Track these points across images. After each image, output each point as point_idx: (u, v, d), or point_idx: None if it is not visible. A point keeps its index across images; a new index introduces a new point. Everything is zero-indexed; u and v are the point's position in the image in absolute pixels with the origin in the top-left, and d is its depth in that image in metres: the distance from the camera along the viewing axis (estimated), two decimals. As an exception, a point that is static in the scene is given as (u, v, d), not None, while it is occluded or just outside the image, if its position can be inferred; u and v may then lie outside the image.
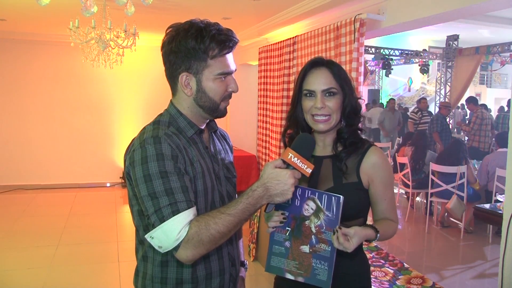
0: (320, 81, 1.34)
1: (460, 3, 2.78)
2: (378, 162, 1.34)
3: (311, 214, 1.22)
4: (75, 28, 4.18)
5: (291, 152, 1.15)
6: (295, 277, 1.22)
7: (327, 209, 1.20)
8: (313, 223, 1.21)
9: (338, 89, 1.34)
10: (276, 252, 1.25)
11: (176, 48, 1.18)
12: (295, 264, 1.22)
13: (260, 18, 5.10)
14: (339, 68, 1.37)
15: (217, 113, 1.27)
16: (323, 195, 1.21)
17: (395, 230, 1.39)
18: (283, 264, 1.24)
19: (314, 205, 1.22)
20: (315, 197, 1.22)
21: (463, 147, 5.20)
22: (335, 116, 1.34)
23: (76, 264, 3.86)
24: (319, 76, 1.34)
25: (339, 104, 1.34)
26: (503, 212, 2.30)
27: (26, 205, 5.82)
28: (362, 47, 3.51)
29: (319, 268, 1.20)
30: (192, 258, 1.10)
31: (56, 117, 6.77)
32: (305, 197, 1.22)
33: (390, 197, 1.38)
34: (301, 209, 1.23)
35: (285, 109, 4.83)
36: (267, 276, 3.61)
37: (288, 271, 1.23)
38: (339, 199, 1.19)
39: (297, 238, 1.23)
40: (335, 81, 1.34)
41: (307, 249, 1.21)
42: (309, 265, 1.21)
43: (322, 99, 1.33)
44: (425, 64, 10.28)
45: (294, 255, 1.23)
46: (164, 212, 1.08)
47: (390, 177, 1.38)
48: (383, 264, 3.83)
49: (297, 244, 1.23)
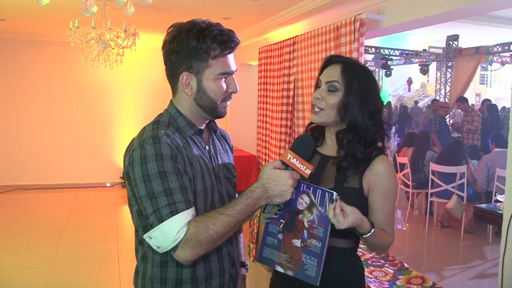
0: (329, 73, 1.34)
1: (460, 3, 2.78)
2: (382, 172, 1.30)
3: (304, 208, 1.21)
4: (75, 28, 4.18)
5: (290, 153, 1.15)
6: (285, 270, 1.21)
7: (320, 204, 1.19)
8: (306, 217, 1.21)
9: (341, 87, 1.30)
10: (269, 243, 1.24)
11: (177, 48, 1.18)
12: (286, 257, 1.21)
13: (260, 18, 5.10)
14: (351, 67, 1.32)
15: (217, 114, 1.26)
16: (317, 190, 1.20)
17: (389, 242, 1.32)
18: (274, 256, 1.23)
19: (308, 199, 1.21)
20: (310, 191, 1.21)
21: (463, 147, 5.20)
22: (329, 112, 1.31)
23: (76, 264, 3.86)
24: (331, 69, 1.34)
25: (336, 102, 1.30)
26: (503, 212, 2.30)
27: (26, 205, 5.82)
28: (362, 47, 3.51)
29: (309, 263, 1.18)
30: (191, 258, 1.10)
31: (56, 117, 6.77)
32: (300, 190, 1.22)
33: (389, 210, 1.32)
34: (295, 202, 1.22)
35: (285, 109, 4.83)
36: (267, 276, 3.61)
37: (279, 263, 1.22)
38: (332, 195, 1.18)
39: (290, 231, 1.22)
40: (342, 77, 1.30)
41: (298, 243, 1.20)
42: (299, 260, 1.19)
43: (324, 91, 1.32)
44: (425, 64, 10.28)
45: (286, 248, 1.22)
46: (162, 212, 1.08)
47: (392, 189, 1.31)
48: (383, 264, 3.83)
49: (289, 237, 1.22)
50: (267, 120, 5.38)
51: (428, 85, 16.97)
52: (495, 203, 3.58)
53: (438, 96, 10.18)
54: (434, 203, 5.38)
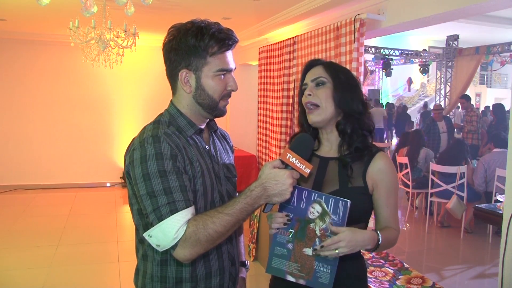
0: (312, 73, 1.38)
1: (460, 3, 2.78)
2: (384, 168, 1.33)
3: (316, 217, 1.21)
4: (75, 28, 4.18)
5: (290, 152, 1.15)
6: (296, 279, 1.22)
7: (333, 213, 1.19)
8: (318, 226, 1.21)
9: (328, 79, 1.34)
10: (278, 253, 1.24)
11: (176, 45, 1.20)
12: (297, 266, 1.22)
13: (260, 18, 5.10)
14: (332, 64, 1.40)
15: (216, 112, 1.27)
16: (330, 199, 1.20)
17: (396, 238, 1.36)
18: (284, 266, 1.23)
19: (320, 208, 1.21)
20: (322, 200, 1.21)
21: (464, 147, 5.20)
22: (325, 105, 1.33)
23: (76, 264, 3.86)
24: (312, 71, 1.39)
25: (328, 94, 1.33)
26: (503, 212, 2.30)
27: (26, 205, 5.82)
28: (362, 47, 3.51)
29: (322, 271, 1.19)
30: (190, 257, 1.10)
31: (56, 117, 6.77)
32: (311, 199, 1.22)
33: (393, 204, 1.36)
34: (306, 211, 1.22)
35: (285, 109, 4.83)
36: (267, 276, 3.60)
37: (290, 273, 1.22)
38: (346, 203, 1.18)
39: (300, 240, 1.22)
40: (326, 72, 1.35)
41: (310, 251, 1.21)
42: (311, 268, 1.20)
43: (312, 88, 1.35)
44: (425, 64, 10.28)
45: (296, 257, 1.22)
46: (162, 211, 1.08)
47: (394, 184, 1.36)
48: (383, 264, 3.82)
49: (300, 247, 1.22)
50: (267, 120, 5.38)
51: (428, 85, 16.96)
52: (495, 203, 3.58)
53: (438, 96, 10.18)
54: (434, 203, 5.39)
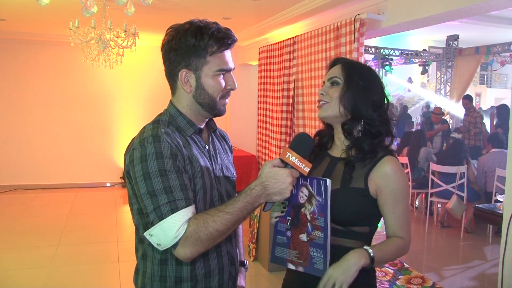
0: (331, 72, 1.39)
1: (460, 3, 2.78)
2: (390, 173, 1.27)
3: (305, 201, 1.22)
4: (75, 28, 4.18)
5: (289, 151, 1.15)
6: (296, 267, 1.21)
7: (317, 194, 1.19)
8: (307, 209, 1.21)
9: (342, 80, 1.33)
10: (279, 242, 1.25)
11: (176, 45, 1.20)
12: (296, 253, 1.22)
13: (260, 18, 5.10)
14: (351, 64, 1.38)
15: (216, 111, 1.27)
16: (313, 180, 1.21)
17: (401, 248, 1.28)
18: (285, 254, 1.24)
19: (307, 191, 1.22)
20: (307, 183, 1.22)
21: (464, 147, 5.20)
22: (333, 103, 1.32)
23: (76, 264, 3.86)
24: (332, 69, 1.39)
25: (338, 94, 1.32)
26: (503, 212, 2.31)
27: (26, 205, 5.83)
28: (362, 47, 3.51)
29: (316, 256, 1.18)
30: (191, 256, 1.10)
31: (56, 117, 6.78)
32: (299, 184, 1.23)
33: (401, 211, 1.29)
34: (297, 196, 1.23)
35: (285, 109, 4.83)
36: (267, 276, 3.61)
37: (290, 261, 1.23)
38: (325, 182, 1.18)
39: (296, 226, 1.23)
40: (342, 72, 1.34)
41: (305, 237, 1.21)
42: (308, 254, 1.20)
43: (327, 87, 1.36)
44: (425, 64, 10.27)
45: (294, 244, 1.22)
46: (162, 210, 1.08)
47: (402, 191, 1.29)
48: (383, 264, 3.83)
49: (297, 233, 1.22)
50: (267, 120, 5.38)
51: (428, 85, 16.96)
52: (495, 203, 3.59)
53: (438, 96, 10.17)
54: (434, 203, 5.38)
